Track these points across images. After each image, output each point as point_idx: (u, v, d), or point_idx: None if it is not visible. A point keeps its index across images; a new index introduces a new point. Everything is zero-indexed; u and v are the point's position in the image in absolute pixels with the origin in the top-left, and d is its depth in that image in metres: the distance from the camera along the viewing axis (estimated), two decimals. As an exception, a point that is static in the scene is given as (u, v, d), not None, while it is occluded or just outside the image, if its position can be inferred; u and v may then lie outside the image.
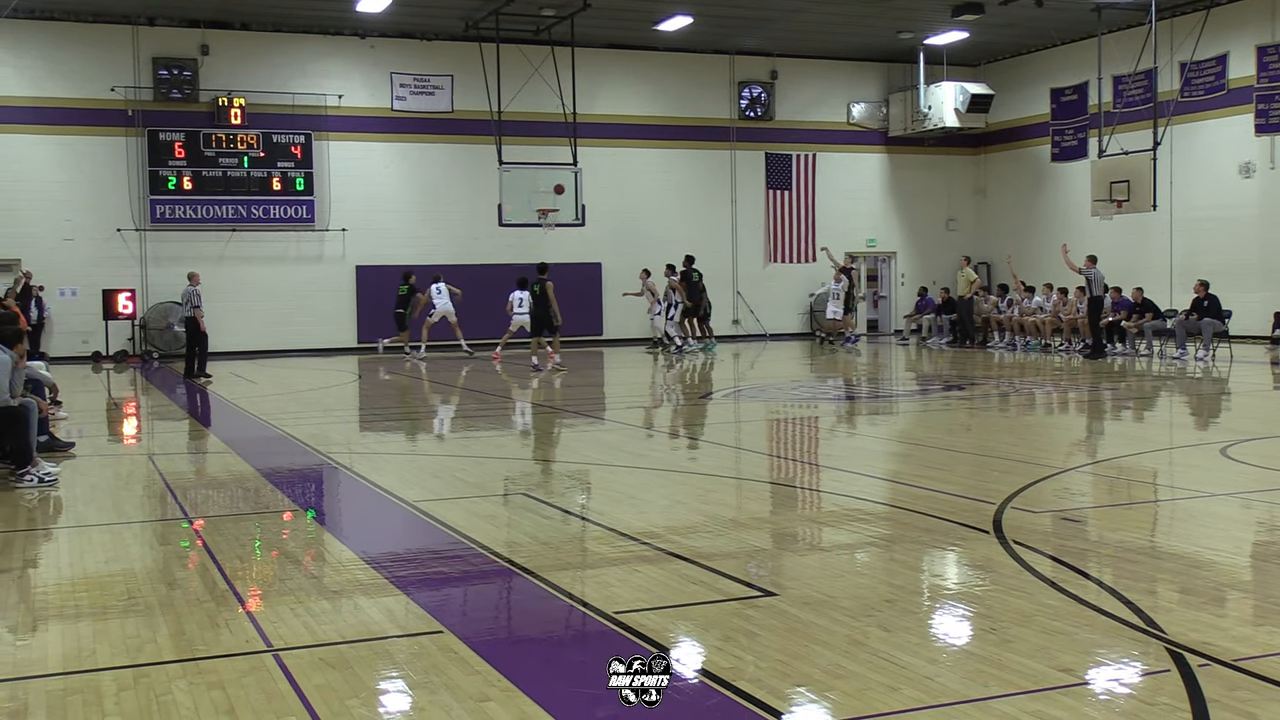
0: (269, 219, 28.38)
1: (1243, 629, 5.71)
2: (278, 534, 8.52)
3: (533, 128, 28.90)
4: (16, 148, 26.77)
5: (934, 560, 7.43)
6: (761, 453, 12.90)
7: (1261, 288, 25.62)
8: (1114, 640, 5.49)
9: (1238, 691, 4.72)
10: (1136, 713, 4.60)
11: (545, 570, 6.98)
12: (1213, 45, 27.51)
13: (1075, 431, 13.94)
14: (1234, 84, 27.66)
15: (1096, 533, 8.04)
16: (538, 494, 9.77)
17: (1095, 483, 10.26)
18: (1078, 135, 31.51)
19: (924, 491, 9.39)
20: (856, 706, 4.65)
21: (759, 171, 32.90)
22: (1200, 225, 27.29)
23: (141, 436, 15.03)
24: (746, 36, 30.57)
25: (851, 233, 33.74)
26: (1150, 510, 9.16)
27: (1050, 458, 11.57)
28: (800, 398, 18.04)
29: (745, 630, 5.73)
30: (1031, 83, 32.91)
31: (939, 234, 34.37)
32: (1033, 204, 33.09)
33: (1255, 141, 27.16)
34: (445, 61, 29.61)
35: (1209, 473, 10.54)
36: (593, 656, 5.60)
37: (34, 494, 10.05)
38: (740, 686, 4.89)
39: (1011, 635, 5.53)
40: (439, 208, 29.18)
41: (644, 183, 31.58)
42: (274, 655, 5.41)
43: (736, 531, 8.49)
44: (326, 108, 28.94)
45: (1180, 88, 28.17)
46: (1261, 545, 7.84)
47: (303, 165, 28.66)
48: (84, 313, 27.08)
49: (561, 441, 13.77)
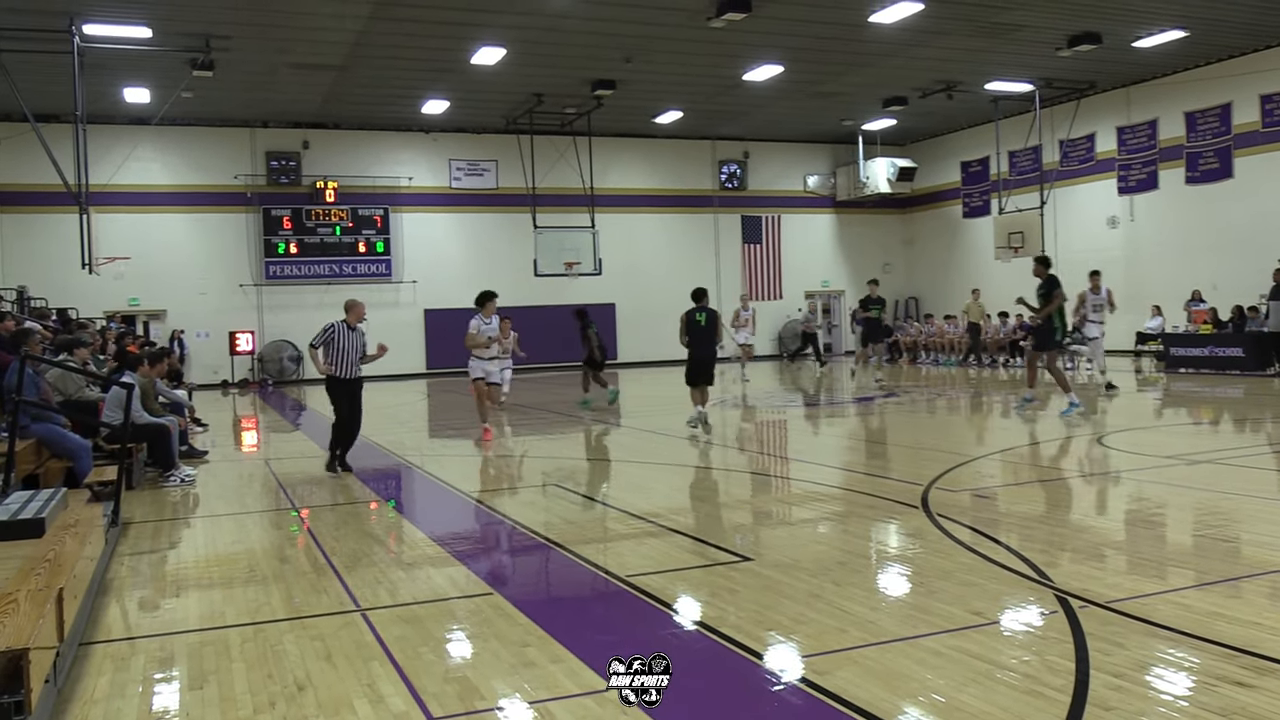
0: (356, 274, 28.42)
1: (1114, 579, 5.68)
2: (366, 519, 8.52)
3: (559, 199, 29.06)
4: (163, 224, 26.95)
5: (875, 531, 7.40)
6: (740, 450, 12.87)
7: (1126, 313, 25.52)
8: (1015, 590, 5.47)
9: (1109, 627, 4.71)
10: (1031, 645, 4.58)
11: (572, 544, 6.97)
12: (1083, 127, 27.56)
13: (985, 427, 13.90)
14: (1100, 156, 27.68)
15: (1002, 506, 8.01)
16: (567, 484, 9.76)
17: (1001, 467, 10.22)
18: (982, 197, 31.52)
19: (868, 477, 9.37)
20: (815, 645, 4.64)
21: (736, 230, 32.96)
22: (1078, 265, 27.15)
23: (260, 445, 15.04)
24: (725, 126, 30.67)
25: (810, 276, 33.84)
26: (1044, 488, 9.12)
27: (966, 448, 11.53)
28: (773, 405, 17.98)
29: (728, 588, 5.71)
30: (946, 157, 32.96)
31: (877, 276, 34.34)
32: (949, 251, 33.08)
33: (1118, 200, 27.19)
34: (491, 149, 29.70)
35: (1089, 457, 10.50)
36: (610, 610, 5.59)
37: (176, 492, 10.06)
38: (724, 631, 4.88)
39: (935, 588, 5.52)
40: (487, 262, 29.22)
41: (647, 240, 31.64)
42: (362, 614, 5.41)
43: (720, 511, 8.47)
44: (399, 187, 29.07)
45: (1060, 159, 28.22)
46: (1129, 513, 7.80)
47: (382, 232, 28.76)
48: (215, 350, 27.19)
49: (587, 443, 13.76)
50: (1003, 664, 4.28)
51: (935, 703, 3.91)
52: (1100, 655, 4.30)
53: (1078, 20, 20.81)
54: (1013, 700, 3.87)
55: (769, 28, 20.30)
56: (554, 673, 4.40)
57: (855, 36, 21.09)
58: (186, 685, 4.44)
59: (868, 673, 4.23)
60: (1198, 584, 5.44)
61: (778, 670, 4.39)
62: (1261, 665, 4.13)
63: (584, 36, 20.62)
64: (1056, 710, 3.77)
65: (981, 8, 19.60)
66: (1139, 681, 4.06)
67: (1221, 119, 24.54)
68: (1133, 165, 26.83)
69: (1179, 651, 4.38)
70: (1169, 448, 10.72)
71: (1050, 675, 4.11)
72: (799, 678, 4.25)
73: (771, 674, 4.37)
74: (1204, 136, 24.98)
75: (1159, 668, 4.23)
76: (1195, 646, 4.40)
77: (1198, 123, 25.11)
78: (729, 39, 20.83)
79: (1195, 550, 6.41)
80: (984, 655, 4.38)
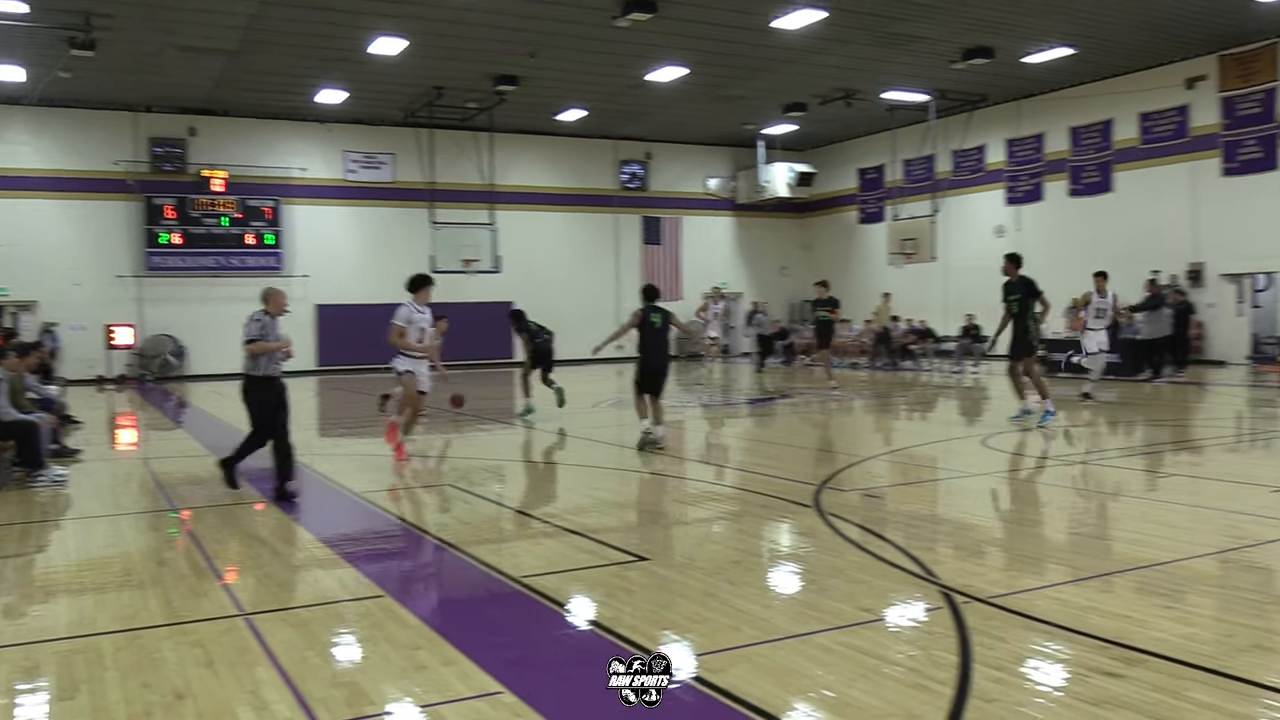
0: (245, 267, 27.61)
1: (995, 575, 5.87)
2: (250, 520, 8.30)
3: (459, 195, 28.79)
4: (35, 211, 25.77)
5: (768, 530, 7.51)
6: (635, 450, 12.91)
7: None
8: (902, 586, 5.60)
9: (991, 621, 4.85)
10: (917, 640, 4.70)
11: (466, 545, 6.90)
12: (974, 138, 28.38)
13: (875, 428, 14.20)
14: (990, 167, 28.56)
15: (890, 505, 8.20)
16: (462, 485, 9.66)
17: (890, 467, 10.46)
18: (878, 204, 32.22)
19: (762, 477, 9.49)
20: (709, 644, 4.68)
21: (636, 230, 33.06)
22: (966, 272, 28.07)
23: (138, 444, 14.53)
24: (628, 126, 30.72)
25: (709, 277, 33.96)
26: (930, 487, 9.37)
27: (857, 449, 11.77)
28: (669, 405, 18.05)
29: (624, 588, 5.72)
30: (843, 164, 33.60)
31: (774, 278, 34.87)
32: (845, 255, 33.71)
33: (1006, 210, 28.08)
34: (388, 142, 29.20)
35: (973, 458, 10.81)
36: (504, 611, 5.55)
37: (46, 493, 9.65)
38: (620, 631, 4.88)
39: (827, 585, 5.62)
40: (383, 257, 28.72)
41: (547, 239, 31.51)
42: (245, 619, 5.27)
43: (618, 511, 8.49)
44: (292, 178, 28.37)
45: (952, 169, 29.02)
46: (1009, 512, 8.07)
47: (272, 224, 28.04)
48: (91, 344, 26.13)
49: (480, 442, 13.64)
50: (890, 659, 4.37)
51: (825, 698, 3.98)
52: (982, 649, 4.43)
53: (972, 34, 21.43)
54: (900, 694, 3.97)
55: (674, 29, 20.42)
56: (446, 676, 4.35)
57: (758, 41, 21.35)
58: (55, 696, 4.26)
59: (760, 670, 4.29)
60: (1073, 579, 5.65)
61: (673, 669, 4.41)
62: (1131, 656, 4.31)
63: (488, 30, 20.44)
64: (941, 703, 3.87)
65: (880, 18, 20.05)
66: (1018, 674, 4.21)
67: (1103, 135, 25.56)
68: (1020, 177, 27.75)
69: (1055, 644, 4.54)
70: (1049, 449, 11.10)
71: (935, 669, 4.22)
72: (693, 676, 4.28)
73: (664, 673, 4.39)
74: (1087, 151, 25.99)
75: (1037, 660, 4.38)
76: (1070, 639, 4.57)
77: (1081, 138, 26.11)
78: (634, 39, 20.89)
79: (1071, 547, 6.66)
80: (872, 651, 4.48)
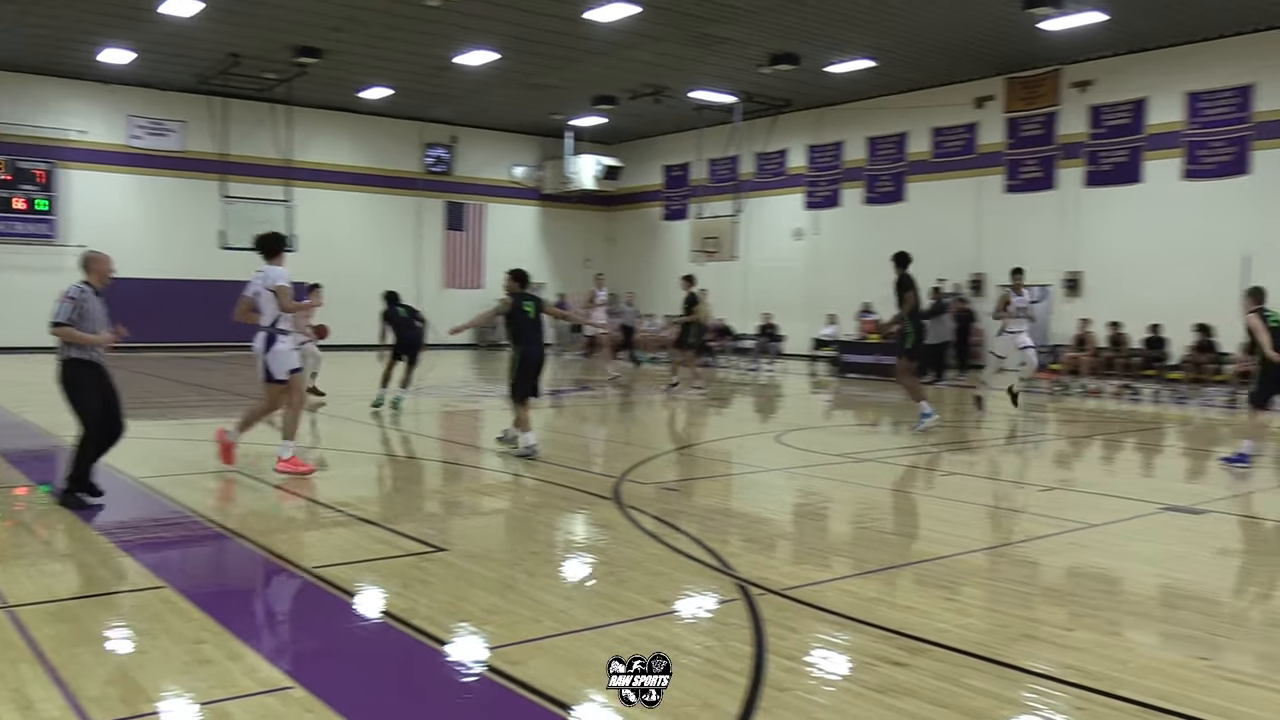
0: (13, 234, 25.56)
1: (788, 567, 6.11)
2: (14, 506, 7.71)
3: (253, 169, 27.56)
4: None
5: (568, 521, 7.55)
6: (435, 438, 12.75)
7: (805, 319, 27.52)
8: (699, 579, 5.75)
9: (784, 612, 5.04)
10: (714, 631, 4.83)
11: (254, 534, 6.63)
12: (777, 142, 29.35)
13: (674, 423, 14.48)
14: (791, 171, 29.62)
15: (688, 498, 8.37)
16: (251, 471, 9.26)
17: (688, 461, 10.69)
18: (682, 201, 32.86)
19: (561, 469, 9.52)
20: (507, 636, 4.66)
21: (439, 215, 32.55)
22: (766, 273, 29.07)
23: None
24: (434, 108, 30.15)
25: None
26: (726, 481, 9.64)
27: (656, 442, 11.99)
28: (466, 395, 17.93)
29: (420, 579, 5.64)
30: (650, 160, 34.07)
31: (578, 271, 34.96)
32: (649, 251, 34.22)
33: (804, 214, 29.21)
34: (178, 108, 27.54)
35: (767, 453, 11.19)
36: (294, 603, 5.38)
37: None
38: (415, 623, 4.80)
39: (625, 577, 5.70)
40: (169, 230, 27.19)
41: (346, 219, 30.58)
42: (7, 611, 4.89)
43: (415, 501, 8.35)
44: (68, 141, 26.40)
45: (755, 171, 29.93)
46: (801, 506, 8.40)
47: (45, 189, 26.01)
48: None
49: (269, 429, 13.12)
50: (687, 650, 4.48)
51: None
52: (776, 639, 4.60)
53: (779, 41, 22.14)
54: (696, 684, 4.07)
55: (486, 12, 20.19)
56: (232, 670, 4.17)
57: (571, 31, 21.37)
58: None
59: (559, 661, 4.31)
60: (861, 572, 5.94)
61: (469, 661, 4.38)
62: (914, 646, 4.57)
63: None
64: (736, 692, 4.00)
65: (692, 18, 20.43)
66: (810, 663, 4.40)
67: (898, 147, 26.93)
68: (820, 182, 28.90)
69: (845, 634, 4.77)
70: (839, 446, 11.62)
71: (730, 659, 4.35)
72: (490, 668, 4.26)
73: (463, 665, 4.36)
74: (882, 161, 27.32)
75: (827, 650, 4.59)
76: (859, 630, 4.81)
77: (878, 148, 27.42)
78: (445, 19, 20.52)
79: (858, 541, 7.00)
80: (669, 642, 4.57)
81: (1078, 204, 23.27)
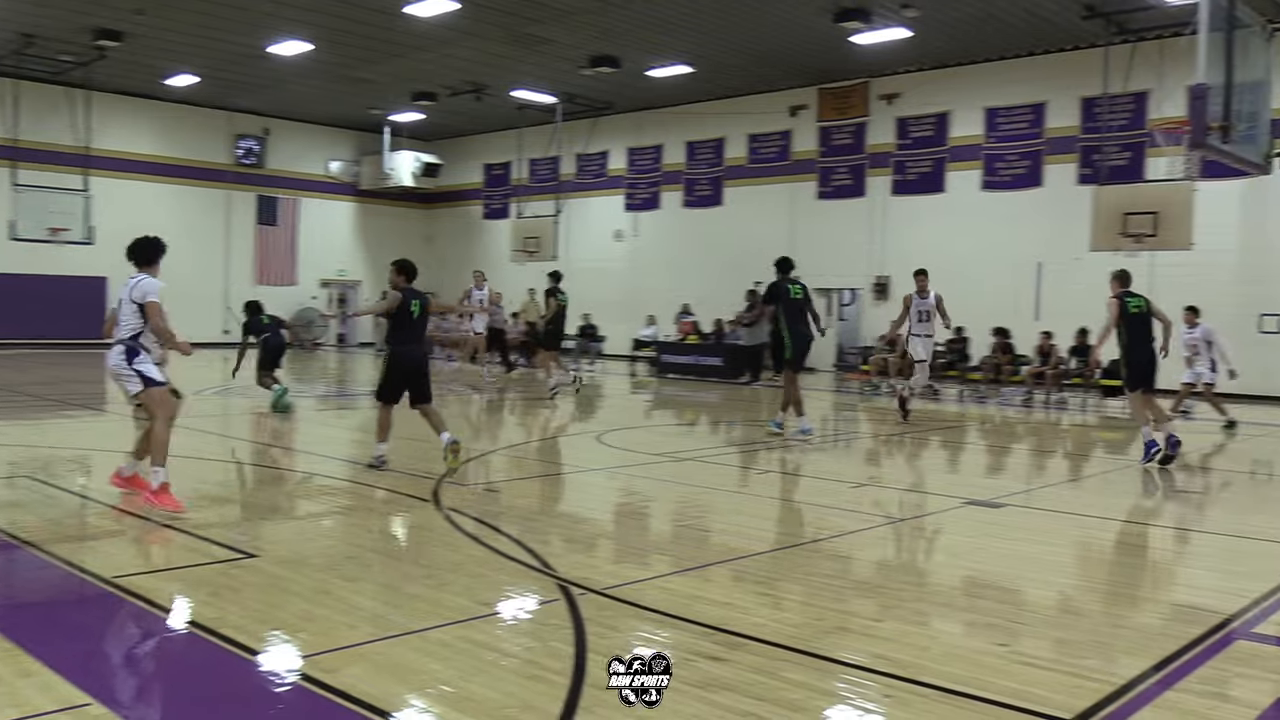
0: None
1: (609, 566, 6.18)
2: None
3: (48, 156, 25.91)
4: None
5: (385, 524, 7.42)
6: (246, 441, 12.29)
7: (625, 320, 27.85)
8: (520, 580, 5.75)
9: (605, 611, 5.10)
10: (535, 631, 4.85)
11: (48, 543, 6.23)
12: (598, 144, 29.62)
13: (494, 424, 14.41)
14: (612, 173, 29.95)
15: (508, 499, 8.36)
16: (42, 476, 8.70)
17: (508, 462, 10.67)
18: (503, 200, 32.73)
19: (380, 471, 9.33)
20: (323, 643, 4.54)
21: (251, 209, 31.37)
22: (586, 273, 29.21)
23: None
24: (245, 98, 29.01)
25: (326, 263, 33.06)
26: (547, 482, 9.66)
27: (475, 443, 11.90)
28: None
29: (230, 586, 5.43)
30: (470, 158, 33.79)
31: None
32: (469, 249, 33.87)
33: (625, 215, 29.57)
34: (-41, 88, 25.66)
35: (588, 453, 11.29)
36: (93, 615, 5.09)
37: None
38: (224, 633, 4.62)
39: (445, 580, 5.64)
40: (-52, 219, 25.30)
41: (150, 211, 28.76)
42: None
43: (223, 506, 8.02)
44: None
45: (576, 172, 30.09)
46: (621, 506, 8.51)
47: None
48: None
49: (65, 432, 12.36)
50: (508, 651, 4.48)
51: (444, 693, 4.01)
52: (597, 638, 4.65)
53: (600, 43, 22.32)
54: (518, 686, 4.08)
55: (300, 1, 19.56)
56: (23, 689, 3.91)
57: (389, 25, 20.95)
58: None
59: (377, 668, 4.24)
60: (679, 570, 6.07)
61: (282, 670, 4.25)
62: (732, 641, 4.70)
63: (85, -24, 18.54)
64: (558, 692, 4.02)
65: (514, 17, 20.36)
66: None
67: (716, 151, 27.59)
68: (640, 184, 29.30)
69: (665, 631, 4.86)
70: (657, 446, 11.81)
71: (552, 660, 4.38)
72: (305, 676, 4.15)
73: (275, 674, 4.23)
74: (701, 165, 27.93)
75: (648, 647, 4.66)
76: (678, 626, 4.91)
77: (696, 152, 28.02)
78: (255, 6, 19.79)
79: (677, 539, 7.14)
80: (491, 644, 4.56)
81: (886, 212, 24.42)
